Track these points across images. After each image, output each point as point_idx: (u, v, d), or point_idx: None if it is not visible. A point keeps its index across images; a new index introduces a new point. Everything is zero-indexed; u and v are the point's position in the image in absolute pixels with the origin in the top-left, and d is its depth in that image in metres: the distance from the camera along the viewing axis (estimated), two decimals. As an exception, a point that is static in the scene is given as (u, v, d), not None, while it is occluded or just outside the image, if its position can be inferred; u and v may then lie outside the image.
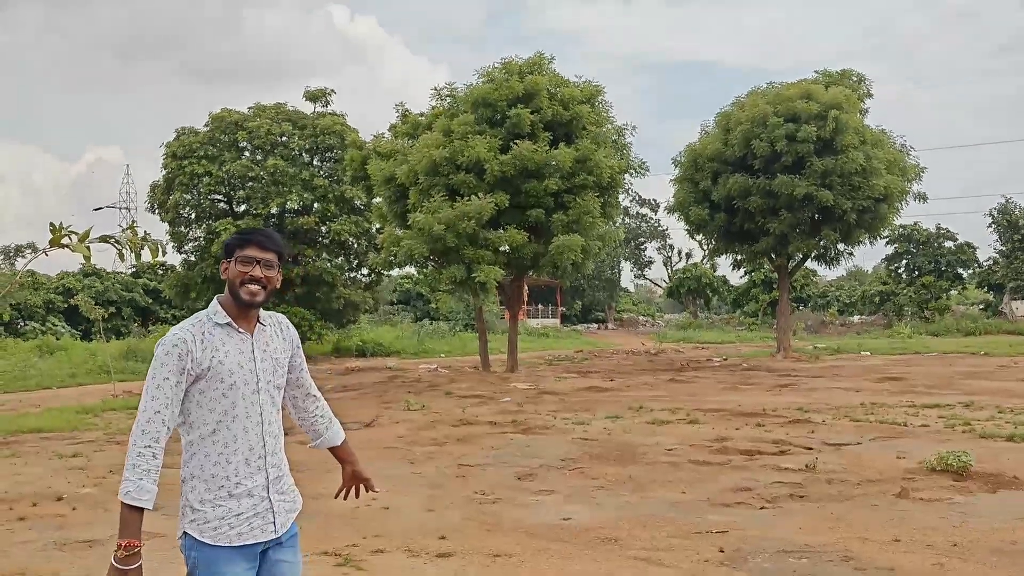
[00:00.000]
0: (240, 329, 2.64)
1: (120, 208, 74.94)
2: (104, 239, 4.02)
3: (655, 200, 70.01)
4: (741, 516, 6.66)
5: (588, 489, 7.79)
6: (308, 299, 30.55)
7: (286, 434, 2.81)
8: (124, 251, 4.63)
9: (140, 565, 2.41)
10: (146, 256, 4.61)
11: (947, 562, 5.33)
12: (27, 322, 42.49)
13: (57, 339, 36.66)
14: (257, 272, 2.62)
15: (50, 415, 14.17)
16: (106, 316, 31.56)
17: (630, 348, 37.25)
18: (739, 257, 30.19)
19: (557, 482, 8.14)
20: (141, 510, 2.44)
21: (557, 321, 55.99)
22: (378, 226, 26.84)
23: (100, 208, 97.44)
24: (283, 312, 30.02)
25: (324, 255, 31.15)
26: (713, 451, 9.54)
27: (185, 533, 2.58)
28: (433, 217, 18.22)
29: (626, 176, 21.04)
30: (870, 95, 27.36)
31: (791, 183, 24.42)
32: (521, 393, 16.82)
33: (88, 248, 4.15)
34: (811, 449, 9.48)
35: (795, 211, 25.21)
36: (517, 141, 19.01)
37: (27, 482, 8.53)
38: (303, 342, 27.83)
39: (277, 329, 2.81)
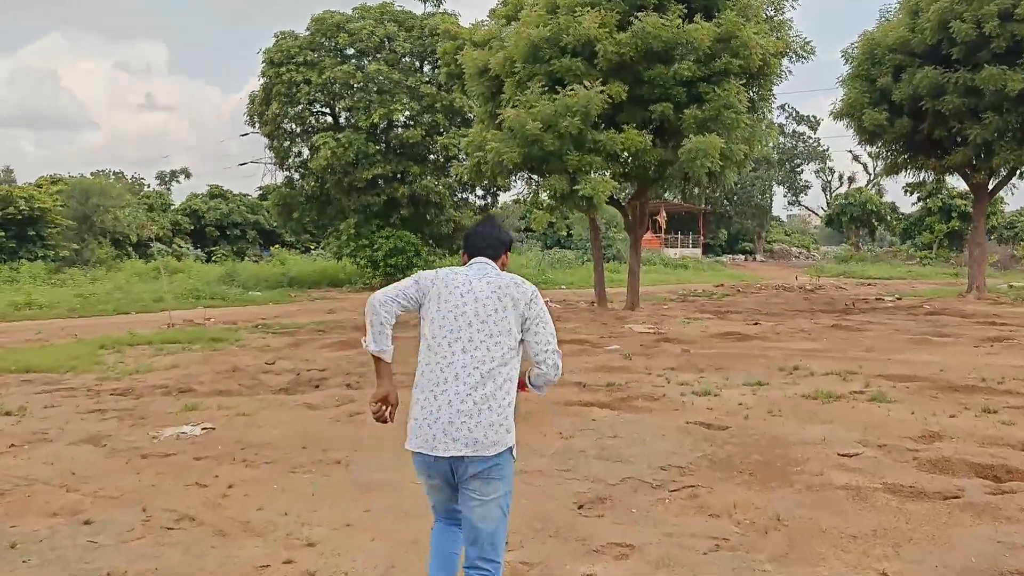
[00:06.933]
0: None
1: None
2: None
3: (814, 117, 63.26)
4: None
5: (696, 545, 4.18)
6: (415, 221, 27.81)
7: None
8: None
9: None
10: None
11: None
12: (153, 243, 42.39)
13: (179, 260, 36.23)
14: None
15: (53, 351, 11.86)
16: (157, 236, 30.09)
17: (781, 283, 32.49)
18: (923, 175, 24.75)
19: (643, 521, 4.57)
20: None
21: (699, 251, 51.27)
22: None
23: (245, 134, 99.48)
24: (387, 236, 27.34)
25: (431, 173, 28.03)
26: (922, 465, 5.63)
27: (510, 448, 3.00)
28: (528, 113, 14.34)
29: (784, 61, 16.28)
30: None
31: (1002, 76, 19.08)
32: (636, 339, 13.15)
33: None
34: (1104, 468, 5.41)
35: (1005, 113, 19.81)
36: (640, 14, 14.76)
37: None
38: (409, 268, 24.80)
39: None
